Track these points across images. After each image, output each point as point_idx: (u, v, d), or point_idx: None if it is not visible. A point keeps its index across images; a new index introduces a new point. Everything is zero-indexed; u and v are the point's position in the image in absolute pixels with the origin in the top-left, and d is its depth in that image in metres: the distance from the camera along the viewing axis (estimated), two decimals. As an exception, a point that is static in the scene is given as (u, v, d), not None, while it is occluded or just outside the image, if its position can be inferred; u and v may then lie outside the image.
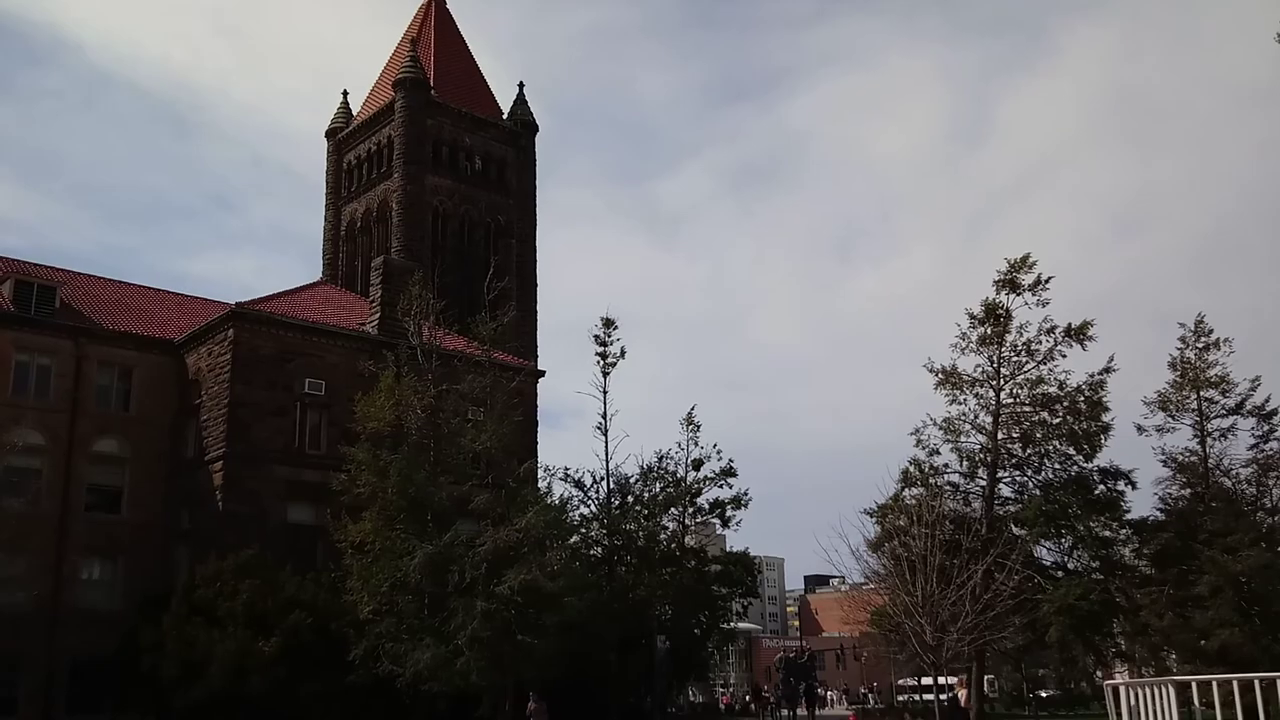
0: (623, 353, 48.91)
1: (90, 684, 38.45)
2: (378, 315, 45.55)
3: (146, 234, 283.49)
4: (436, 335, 40.21)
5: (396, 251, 61.63)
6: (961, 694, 30.01)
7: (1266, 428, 47.97)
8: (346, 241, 70.82)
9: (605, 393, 48.41)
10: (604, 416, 48.29)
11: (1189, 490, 48.77)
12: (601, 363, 48.81)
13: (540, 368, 54.83)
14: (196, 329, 43.80)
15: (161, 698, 33.87)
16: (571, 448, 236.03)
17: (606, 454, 48.55)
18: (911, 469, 47.35)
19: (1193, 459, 48.97)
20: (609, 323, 48.84)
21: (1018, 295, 46.08)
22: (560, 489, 46.93)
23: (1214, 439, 48.69)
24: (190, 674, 32.75)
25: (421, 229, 65.96)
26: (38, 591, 37.12)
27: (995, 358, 46.25)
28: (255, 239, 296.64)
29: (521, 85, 75.08)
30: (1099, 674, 52.53)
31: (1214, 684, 7.50)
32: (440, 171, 68.03)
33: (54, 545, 39.80)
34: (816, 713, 53.01)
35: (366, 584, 34.21)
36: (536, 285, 71.01)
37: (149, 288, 52.07)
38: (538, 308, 70.37)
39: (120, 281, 51.17)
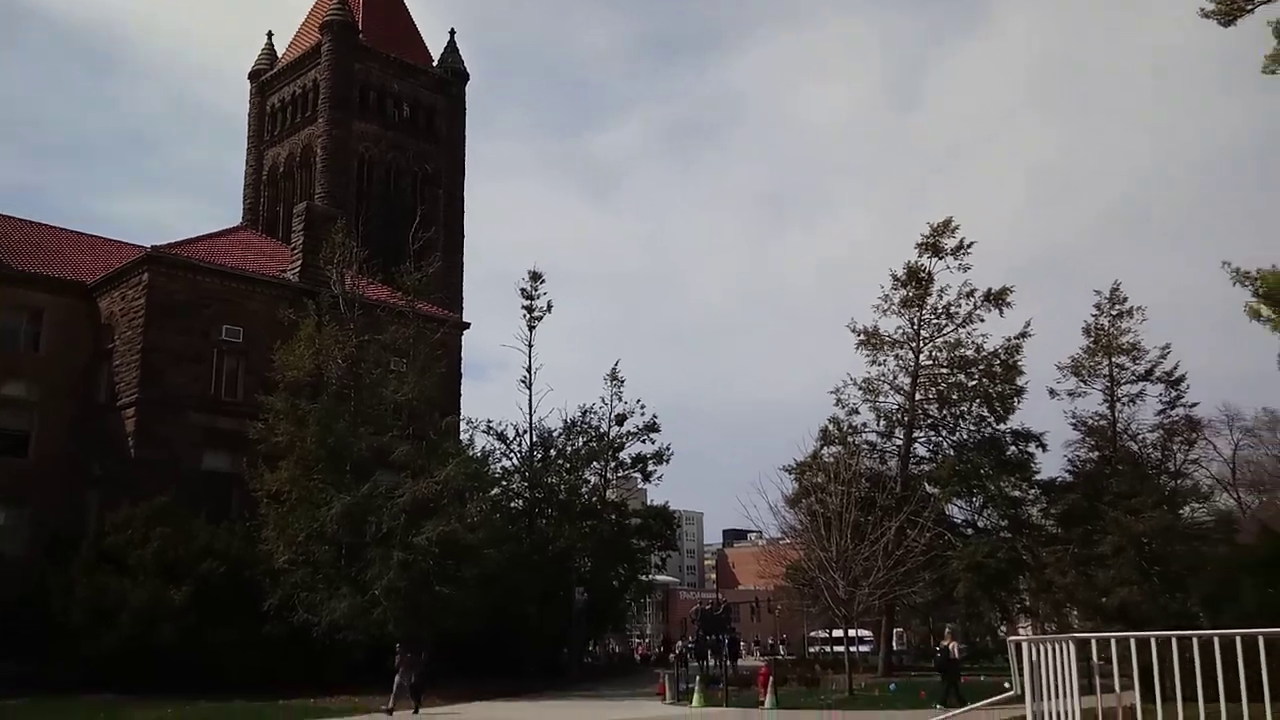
0: (549, 307, 48.81)
1: (-5, 630, 37.57)
2: (299, 263, 44.71)
3: (61, 173, 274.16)
4: (359, 284, 39.67)
5: (320, 198, 60.41)
6: (953, 646, 30.85)
7: (1174, 394, 49.54)
8: (269, 186, 69.23)
9: (530, 346, 48.33)
10: (528, 370, 48.24)
11: (1097, 453, 50.31)
12: (528, 316, 48.65)
13: (465, 319, 54.45)
14: (110, 272, 42.60)
15: (71, 644, 33.27)
16: (495, 400, 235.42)
17: (530, 407, 48.57)
18: (830, 428, 48.20)
19: (1102, 423, 50.46)
20: (536, 276, 48.65)
21: (939, 259, 46.89)
22: (482, 441, 46.86)
23: (1123, 404, 50.19)
24: (100, 621, 32.18)
25: (346, 175, 64.72)
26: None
27: (916, 320, 47.11)
28: (175, 182, 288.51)
29: (453, 32, 74.00)
30: (1003, 628, 54.23)
31: (1112, 641, 7.79)
32: (367, 117, 66.73)
33: (-43, 489, 38.66)
34: (734, 664, 53.90)
35: (282, 533, 33.92)
36: (463, 236, 70.25)
37: (62, 229, 50.34)
38: (464, 259, 69.71)
39: (32, 222, 49.36)
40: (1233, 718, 6.64)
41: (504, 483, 47.53)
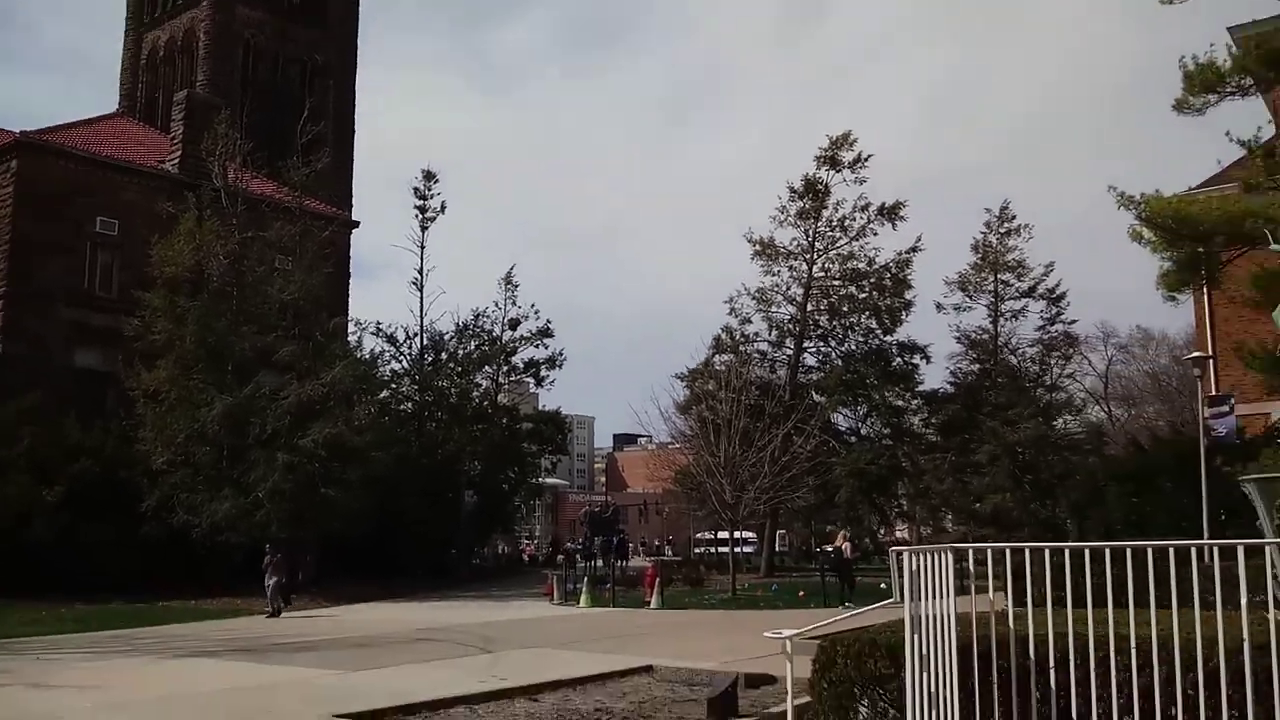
0: (443, 207, 47.86)
1: None
2: (179, 153, 42.70)
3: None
4: (243, 178, 38.17)
5: (202, 86, 57.49)
6: (845, 546, 31.67)
7: (1054, 310, 51.17)
8: (147, 72, 65.55)
9: (423, 247, 47.41)
10: (420, 272, 47.38)
11: (978, 366, 51.84)
12: (420, 216, 47.64)
13: (355, 218, 52.89)
14: (-28, 157, 40.07)
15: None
16: (385, 302, 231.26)
17: (421, 310, 47.83)
18: (723, 336, 48.62)
19: (984, 337, 51.92)
20: (430, 175, 47.56)
21: (837, 172, 47.13)
22: (371, 344, 46.06)
23: (1005, 319, 51.69)
24: (-34, 521, 30.97)
25: (230, 63, 61.71)
26: None
27: (811, 232, 47.45)
28: (43, 61, 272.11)
29: (345, -86, 70.17)
30: (882, 531, 56.13)
31: (989, 551, 7.93)
32: (253, 3, 63.47)
33: None
34: (623, 564, 54.78)
35: (161, 434, 32.97)
36: (354, 131, 67.87)
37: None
38: (354, 155, 67.47)
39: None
40: (1096, 621, 6.87)
41: (393, 385, 46.93)
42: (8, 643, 20.83)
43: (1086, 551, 7.34)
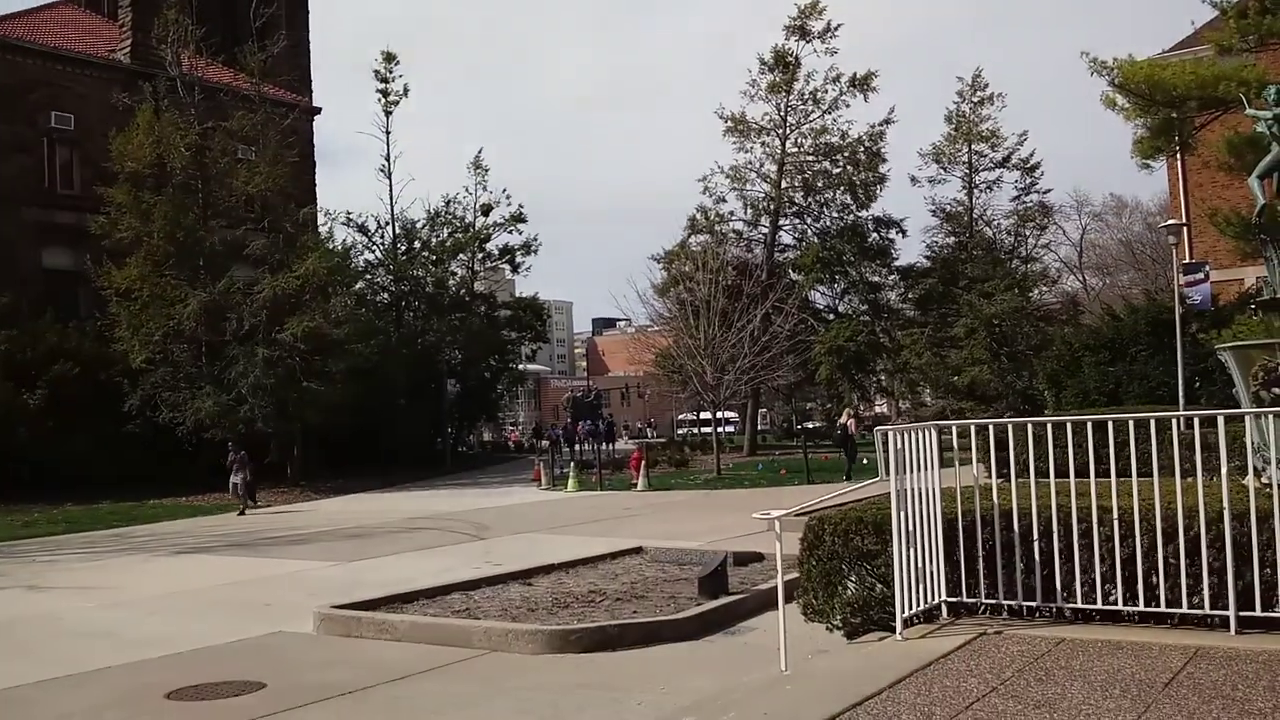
0: (406, 90, 46.96)
1: None
2: (129, 41, 41.25)
3: None
4: (198, 66, 37.01)
5: (149, -32, 55.35)
6: (850, 423, 32.10)
7: (1029, 180, 51.19)
8: (89, -46, 63.02)
9: (388, 133, 46.67)
10: (387, 159, 46.72)
11: (954, 239, 51.99)
12: (383, 100, 46.79)
13: (316, 104, 51.65)
14: (-85, 51, 38.65)
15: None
16: (353, 191, 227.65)
17: (391, 198, 47.31)
18: (698, 216, 48.32)
19: (960, 209, 51.95)
20: (390, 57, 46.58)
21: (807, 42, 46.28)
22: (343, 234, 45.55)
23: (980, 191, 51.69)
24: (-52, 428, 30.88)
25: (177, -56, 59.33)
26: None
27: (782, 106, 46.84)
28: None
29: None
30: (861, 407, 56.90)
31: (972, 428, 8.07)
32: (195, -126, 60.73)
33: None
34: (612, 447, 55.56)
35: (137, 333, 32.70)
36: (308, 12, 65.66)
37: None
38: (309, 37, 65.47)
39: None
40: (1077, 492, 7.06)
41: (368, 276, 46.62)
42: (3, 545, 21.05)
43: (1068, 424, 7.49)
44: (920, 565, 7.38)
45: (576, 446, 50.20)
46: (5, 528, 24.18)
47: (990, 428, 7.94)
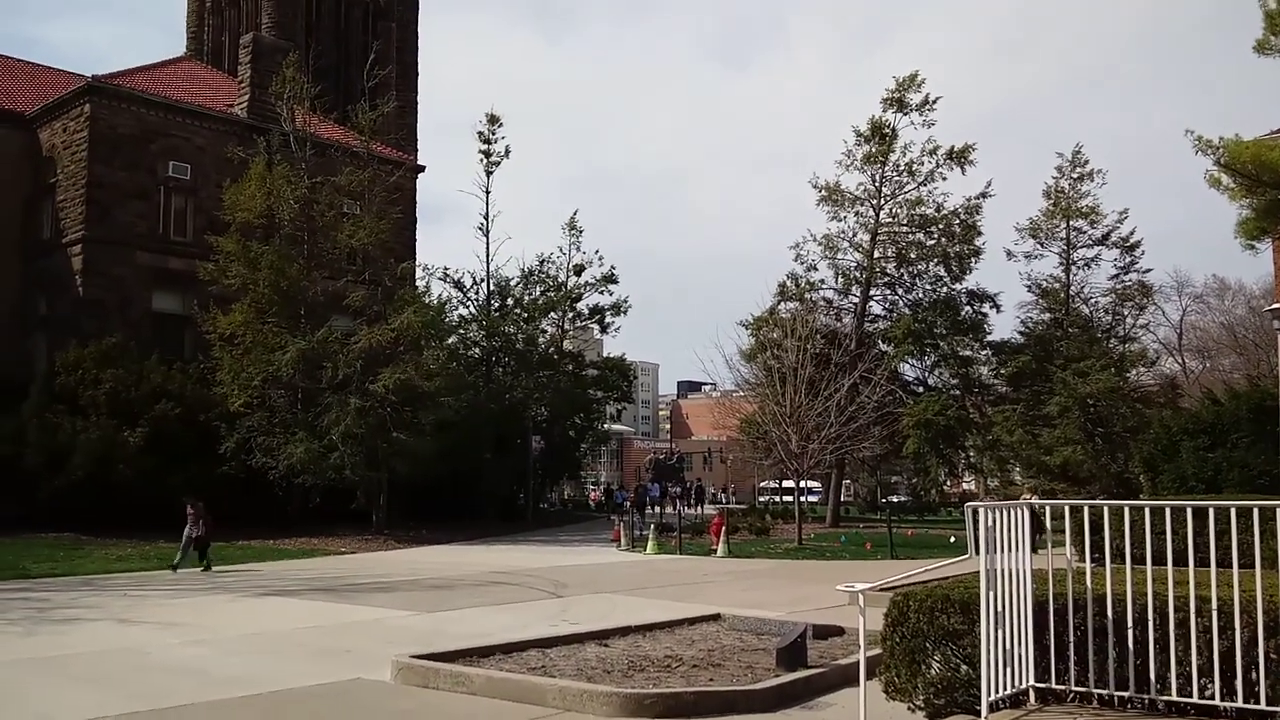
0: (507, 151, 47.98)
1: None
2: (247, 97, 43.09)
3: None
4: (310, 122, 38.41)
5: (267, 29, 57.96)
6: (1034, 500, 31.71)
7: (1128, 259, 50.15)
8: (213, 15, 66.20)
9: (488, 192, 47.69)
10: (486, 217, 47.69)
11: (1049, 315, 51.08)
12: (485, 161, 47.81)
13: (420, 163, 53.16)
14: (50, 102, 40.79)
15: (25, 485, 33.09)
16: (451, 247, 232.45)
17: (488, 255, 48.20)
18: (788, 283, 48.24)
19: (1056, 286, 51.09)
20: (494, 119, 47.62)
21: (904, 114, 46.26)
22: (439, 289, 46.57)
23: (1078, 267, 50.81)
24: (54, 463, 31.99)
25: (294, 6, 62.08)
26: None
27: (878, 177, 46.72)
28: (112, 7, 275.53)
29: None
30: (949, 483, 55.78)
31: (1066, 508, 7.88)
32: (316, -56, 63.63)
33: (-102, 327, 37.73)
34: (699, 510, 55.38)
35: (237, 377, 33.62)
36: (417, 74, 68.10)
37: (-4, 54, 47.99)
38: (418, 99, 67.71)
39: (-39, 45, 47.00)
40: (1171, 578, 6.82)
41: (461, 331, 47.44)
42: (97, 578, 21.66)
43: (1167, 509, 7.26)
44: (1008, 648, 7.18)
45: (655, 509, 50.07)
46: (100, 561, 24.92)
47: (1085, 509, 7.75)
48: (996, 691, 7.04)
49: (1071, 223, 50.41)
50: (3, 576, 21.39)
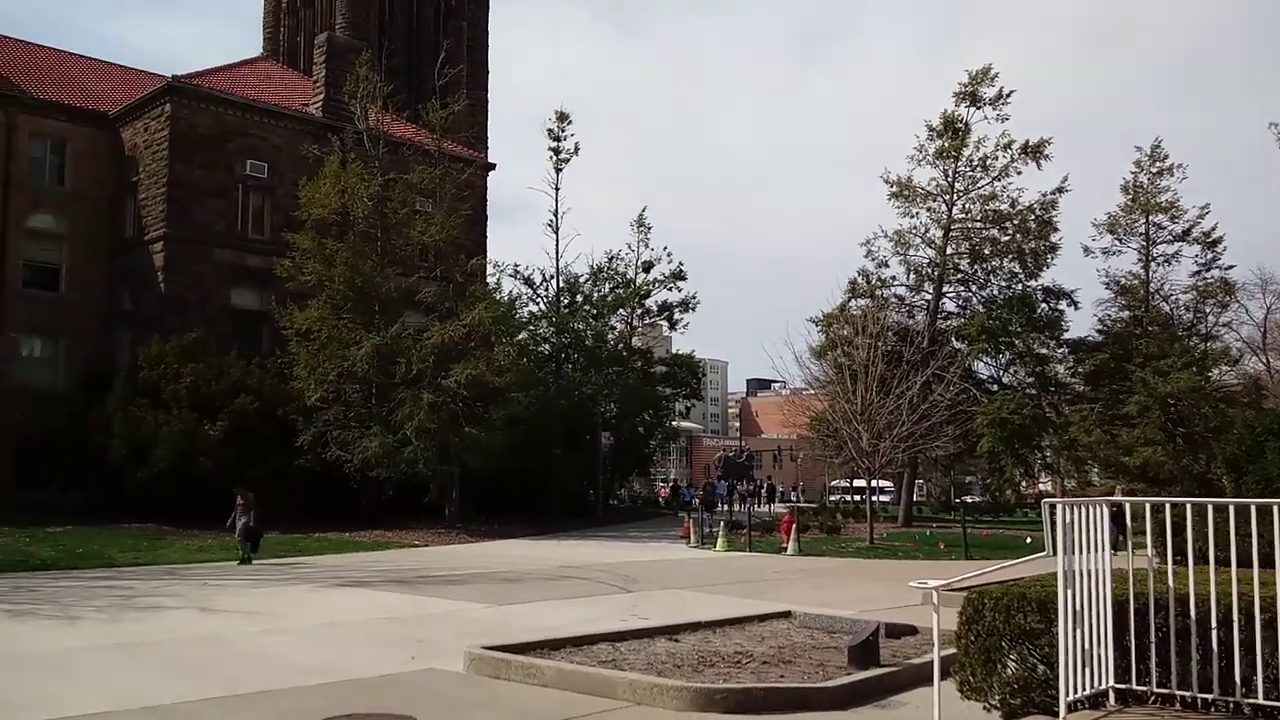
0: (576, 149, 48.14)
1: (37, 459, 38.52)
2: (322, 96, 43.86)
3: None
4: (384, 121, 38.94)
5: (341, 29, 58.92)
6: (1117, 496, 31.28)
7: (1209, 255, 48.86)
8: (288, 16, 67.45)
9: (557, 189, 47.90)
10: (555, 214, 47.93)
11: (1128, 313, 49.93)
12: (554, 158, 48.03)
13: (490, 160, 53.63)
14: (132, 102, 41.93)
15: (112, 476, 34.12)
16: (521, 244, 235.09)
17: (557, 252, 48.44)
18: (859, 280, 47.73)
19: (1135, 282, 49.94)
20: (563, 116, 47.80)
21: (977, 109, 45.50)
22: (509, 285, 46.89)
23: (1158, 264, 49.62)
24: (138, 454, 32.91)
25: (367, 5, 62.99)
26: (-22, 366, 36.64)
27: (950, 172, 46.03)
28: (191, 6, 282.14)
29: None
30: (1024, 484, 54.83)
31: (1147, 506, 7.70)
32: (389, -55, 64.51)
33: (-7, 321, 39.09)
34: (769, 508, 55.30)
35: (313, 372, 34.23)
36: (488, 72, 68.71)
37: (80, 55, 49.39)
38: (489, 97, 68.29)
39: (49, 47, 48.43)
40: (1257, 579, 6.62)
41: (531, 327, 47.72)
42: (178, 568, 22.23)
43: (1253, 507, 7.05)
44: (1087, 648, 7.04)
45: (723, 507, 49.94)
46: (181, 551, 25.56)
47: (1167, 507, 7.55)
48: (1075, 692, 6.90)
49: (1151, 218, 49.24)
50: (89, 565, 22.07)
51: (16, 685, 9.95)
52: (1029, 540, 30.45)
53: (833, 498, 73.45)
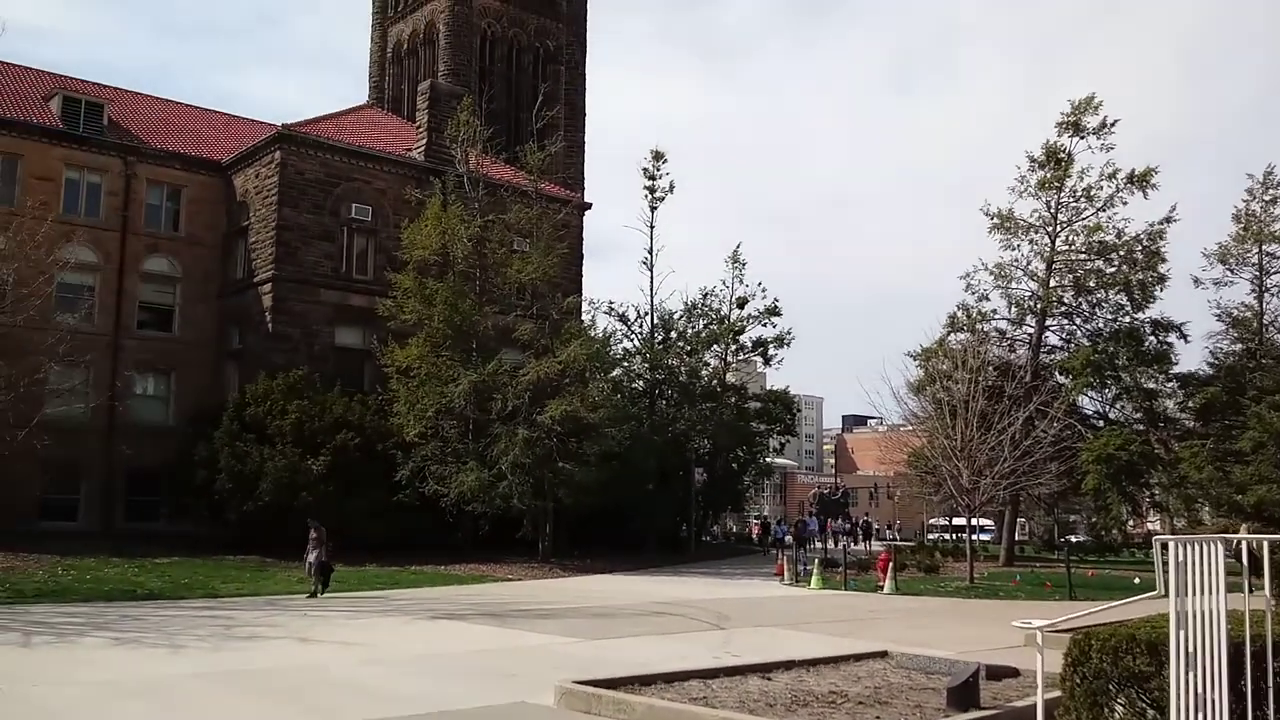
0: (671, 187, 48.41)
1: (147, 493, 39.92)
2: (424, 141, 44.95)
3: (194, 49, 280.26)
4: (483, 164, 39.73)
5: (444, 76, 60.42)
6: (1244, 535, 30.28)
7: (1327, 286, 46.91)
8: (393, 64, 69.46)
9: (652, 227, 48.19)
10: (650, 251, 48.18)
11: (1240, 345, 48.16)
12: (649, 196, 48.37)
13: (587, 200, 54.25)
14: (244, 150, 43.51)
15: (216, 508, 35.11)
16: (616, 282, 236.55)
17: (651, 289, 48.65)
18: (959, 314, 46.87)
19: (1248, 314, 48.20)
20: (658, 155, 48.15)
21: (1080, 138, 44.53)
22: (604, 322, 47.24)
23: (1272, 295, 47.87)
24: (243, 487, 33.81)
25: (469, 53, 64.46)
26: (95, 404, 38.07)
27: (1053, 203, 45.04)
28: (301, 59, 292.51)
29: (573, -99, 71.88)
30: (1131, 522, 52.98)
31: (1265, 543, 7.37)
32: (488, -7, 66.02)
33: (109, 360, 40.63)
34: (866, 545, 54.50)
35: (413, 408, 34.82)
36: (585, 115, 69.62)
37: (196, 107, 51.58)
38: (585, 138, 69.21)
39: (167, 100, 50.70)
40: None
41: (625, 364, 47.92)
42: (279, 599, 22.70)
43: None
44: (1200, 692, 6.73)
45: (817, 544, 49.26)
46: (283, 583, 26.10)
47: (1285, 546, 7.21)
48: (1187, 738, 6.60)
49: (1264, 248, 47.54)
50: (194, 595, 22.69)
51: (119, 712, 10.22)
52: (1137, 580, 29.38)
53: (931, 536, 71.97)
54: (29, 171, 40.22)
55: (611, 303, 48.92)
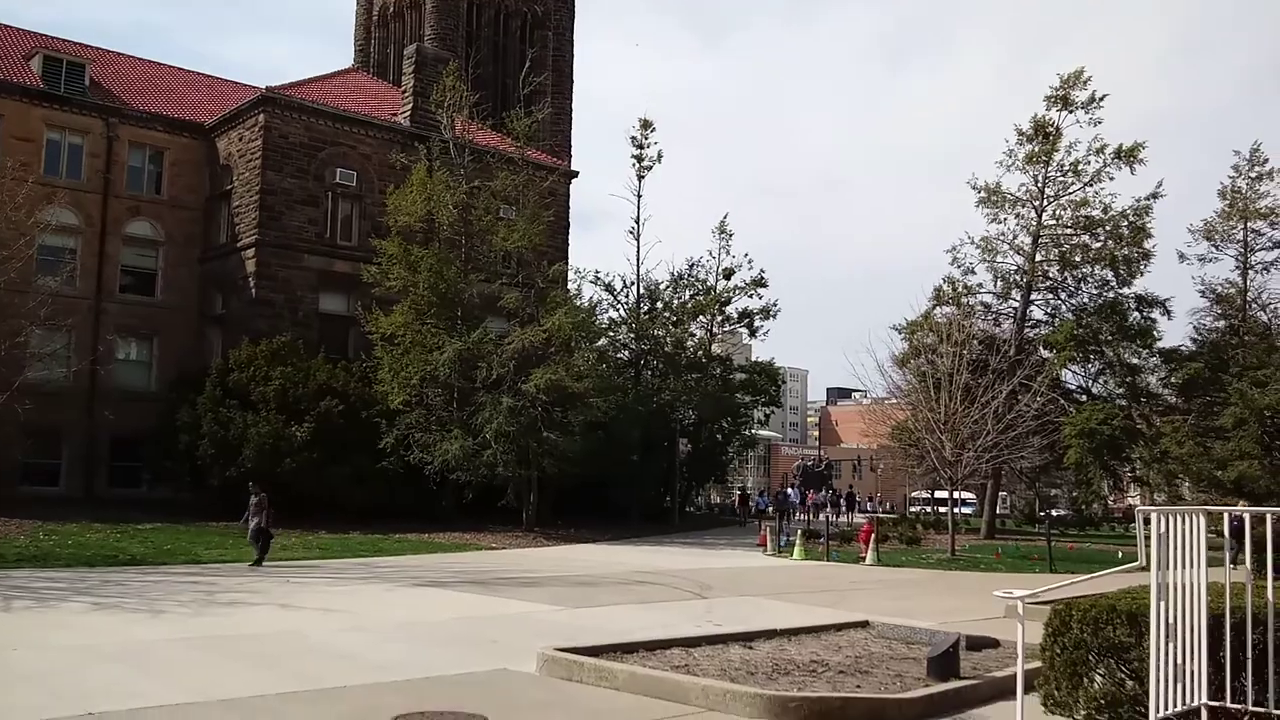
0: (659, 156, 48.18)
1: (129, 459, 39.76)
2: (410, 106, 44.56)
3: (178, 11, 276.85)
4: (469, 129, 39.41)
5: (430, 40, 59.84)
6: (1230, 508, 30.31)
7: (1312, 263, 47.09)
8: (379, 28, 68.79)
9: (639, 196, 47.96)
10: (637, 221, 47.98)
11: (1224, 322, 48.39)
12: (637, 165, 48.13)
13: (573, 168, 53.94)
14: (227, 113, 43.03)
15: (198, 474, 35.01)
16: (602, 250, 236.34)
17: (638, 259, 48.48)
18: (945, 287, 46.87)
19: (1232, 290, 48.40)
20: (646, 124, 47.89)
21: (1069, 113, 44.40)
22: (590, 291, 47.09)
23: (1256, 272, 48.06)
24: (226, 453, 33.69)
25: (455, 17, 63.85)
26: (77, 368, 37.78)
27: (1040, 177, 44.98)
28: (287, 22, 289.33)
29: None
30: (1112, 497, 53.34)
31: (1246, 518, 7.37)
32: (476, -43, 65.35)
33: (91, 324, 40.30)
34: (849, 517, 54.77)
35: (397, 375, 34.72)
36: (572, 82, 69.16)
37: (179, 68, 50.92)
38: (573, 105, 68.77)
39: (150, 61, 50.04)
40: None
41: (610, 333, 47.82)
42: (262, 564, 22.62)
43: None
44: (1179, 663, 6.75)
45: (797, 515, 49.47)
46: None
47: (1269, 519, 7.22)
48: (1166, 708, 6.63)
49: (1249, 224, 47.66)
50: (176, 561, 22.63)
51: (96, 675, 10.18)
52: (1119, 555, 29.59)
53: (913, 509, 72.34)
54: (9, 131, 39.68)
55: (598, 272, 48.97)
